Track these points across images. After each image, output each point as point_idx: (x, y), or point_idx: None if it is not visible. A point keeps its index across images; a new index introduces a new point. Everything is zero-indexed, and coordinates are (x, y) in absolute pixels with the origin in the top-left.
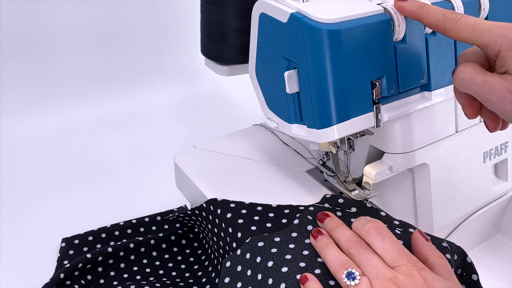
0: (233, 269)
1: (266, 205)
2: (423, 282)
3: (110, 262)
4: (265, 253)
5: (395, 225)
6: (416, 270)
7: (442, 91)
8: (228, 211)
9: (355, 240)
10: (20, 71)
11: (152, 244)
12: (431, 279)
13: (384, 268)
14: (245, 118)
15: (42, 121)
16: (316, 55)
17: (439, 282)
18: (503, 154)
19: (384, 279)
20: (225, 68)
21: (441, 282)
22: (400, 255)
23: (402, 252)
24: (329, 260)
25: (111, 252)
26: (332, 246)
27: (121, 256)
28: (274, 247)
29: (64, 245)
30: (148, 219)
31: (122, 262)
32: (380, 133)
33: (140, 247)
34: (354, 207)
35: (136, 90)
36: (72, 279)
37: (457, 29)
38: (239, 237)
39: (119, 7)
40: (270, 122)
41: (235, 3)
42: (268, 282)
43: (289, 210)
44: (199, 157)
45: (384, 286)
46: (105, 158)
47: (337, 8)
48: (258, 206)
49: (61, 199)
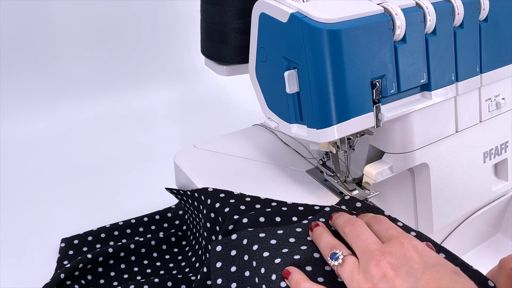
0: (225, 254)
1: (280, 202)
2: (412, 249)
3: (111, 263)
4: (263, 243)
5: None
6: (407, 240)
7: (442, 91)
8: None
9: (350, 219)
10: (20, 71)
11: (152, 245)
12: (422, 248)
13: (373, 242)
14: (245, 118)
15: (42, 121)
16: (316, 55)
17: (431, 252)
18: (503, 154)
19: (371, 252)
20: (225, 68)
21: (433, 252)
22: (394, 230)
23: (397, 229)
24: (321, 247)
25: (111, 252)
26: (326, 233)
27: (121, 256)
28: (274, 239)
29: (63, 245)
30: (147, 218)
31: (123, 263)
32: (380, 133)
33: (141, 248)
34: (371, 213)
35: (136, 90)
36: (72, 279)
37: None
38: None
39: (119, 7)
40: (270, 122)
41: (235, 3)
42: (260, 271)
43: (303, 208)
44: (199, 157)
45: (370, 259)
46: (105, 158)
47: (337, 8)
48: (272, 202)
49: (61, 199)
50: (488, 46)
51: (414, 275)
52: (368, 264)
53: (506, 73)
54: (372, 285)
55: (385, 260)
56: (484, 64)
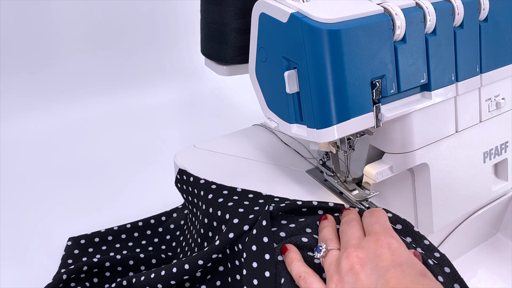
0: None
1: (282, 198)
2: (386, 246)
3: (119, 269)
4: (283, 228)
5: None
6: (384, 236)
7: (442, 91)
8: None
9: (348, 219)
10: (20, 71)
11: (163, 258)
12: (396, 246)
13: (354, 238)
14: (245, 118)
15: (42, 121)
16: (316, 55)
17: (404, 251)
18: (503, 154)
19: (348, 246)
20: (225, 68)
21: (406, 252)
22: (379, 226)
23: (383, 225)
24: (318, 238)
25: (119, 259)
26: (328, 228)
27: (130, 265)
28: (293, 223)
29: (70, 243)
30: (154, 220)
31: (131, 271)
32: (380, 133)
33: (151, 259)
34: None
35: (136, 90)
36: (77, 280)
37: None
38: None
39: (119, 7)
40: (270, 122)
41: (235, 3)
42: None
43: (301, 203)
44: (199, 157)
45: (347, 253)
46: (105, 158)
47: (337, 8)
48: (275, 198)
49: (61, 198)
50: (488, 46)
51: (377, 272)
52: (341, 257)
53: (506, 73)
54: (339, 277)
55: (354, 254)
56: (484, 64)
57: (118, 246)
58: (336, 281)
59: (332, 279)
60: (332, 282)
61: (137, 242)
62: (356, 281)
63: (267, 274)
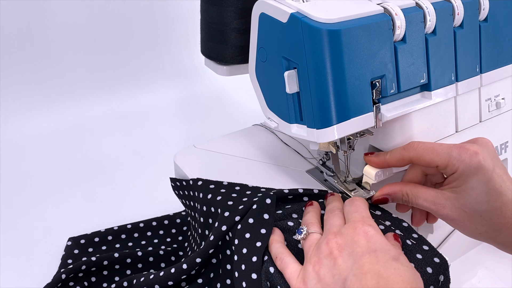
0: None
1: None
2: (362, 233)
3: (117, 268)
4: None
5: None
6: (361, 224)
7: (442, 91)
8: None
9: (332, 207)
10: (20, 71)
11: (161, 254)
12: (372, 233)
13: (335, 225)
14: (245, 118)
15: (42, 121)
16: (316, 55)
17: (379, 238)
18: (503, 154)
19: (329, 232)
20: (225, 68)
21: (381, 239)
22: (357, 214)
23: (361, 213)
24: (302, 221)
25: (117, 257)
26: (312, 213)
27: (128, 263)
28: (280, 209)
29: (70, 243)
30: (155, 222)
31: (129, 269)
32: (380, 133)
33: (149, 256)
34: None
35: (136, 90)
36: (75, 280)
37: (419, 155)
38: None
39: (119, 7)
40: (270, 122)
41: (235, 3)
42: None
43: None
44: (199, 157)
45: (328, 239)
46: (105, 158)
47: (337, 8)
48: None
49: (60, 198)
50: (488, 46)
51: (353, 257)
52: (322, 242)
53: (506, 73)
54: (317, 259)
55: (334, 240)
56: (484, 64)
57: (118, 246)
58: (314, 262)
59: (310, 260)
60: (310, 263)
61: (137, 243)
62: (334, 265)
63: (254, 259)
